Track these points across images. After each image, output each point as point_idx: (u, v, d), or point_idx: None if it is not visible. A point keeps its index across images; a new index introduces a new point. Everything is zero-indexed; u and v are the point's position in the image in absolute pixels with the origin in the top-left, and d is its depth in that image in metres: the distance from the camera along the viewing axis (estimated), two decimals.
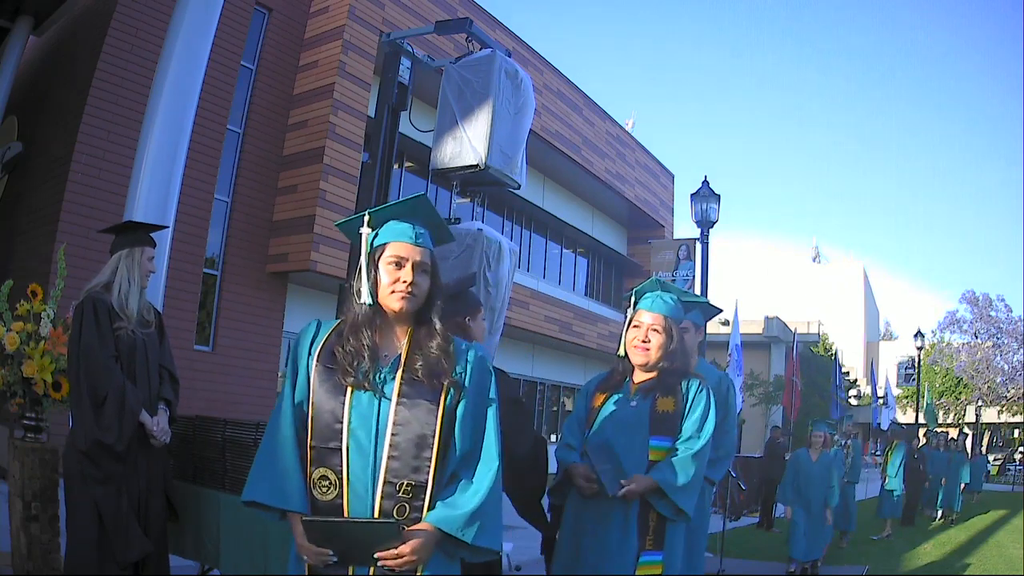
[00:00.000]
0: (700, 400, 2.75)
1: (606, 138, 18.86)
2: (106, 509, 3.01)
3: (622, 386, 2.83)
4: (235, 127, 11.27)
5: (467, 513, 1.80)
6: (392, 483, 1.81)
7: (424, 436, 1.83)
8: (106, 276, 3.22)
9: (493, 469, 1.87)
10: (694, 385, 2.78)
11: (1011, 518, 12.70)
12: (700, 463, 2.69)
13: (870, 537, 9.78)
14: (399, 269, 1.89)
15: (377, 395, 1.84)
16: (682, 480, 2.64)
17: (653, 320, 2.80)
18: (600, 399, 2.82)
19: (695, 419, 2.72)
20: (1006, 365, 28.26)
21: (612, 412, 2.77)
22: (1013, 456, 33.30)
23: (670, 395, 2.73)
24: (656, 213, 21.54)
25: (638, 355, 2.78)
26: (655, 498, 2.62)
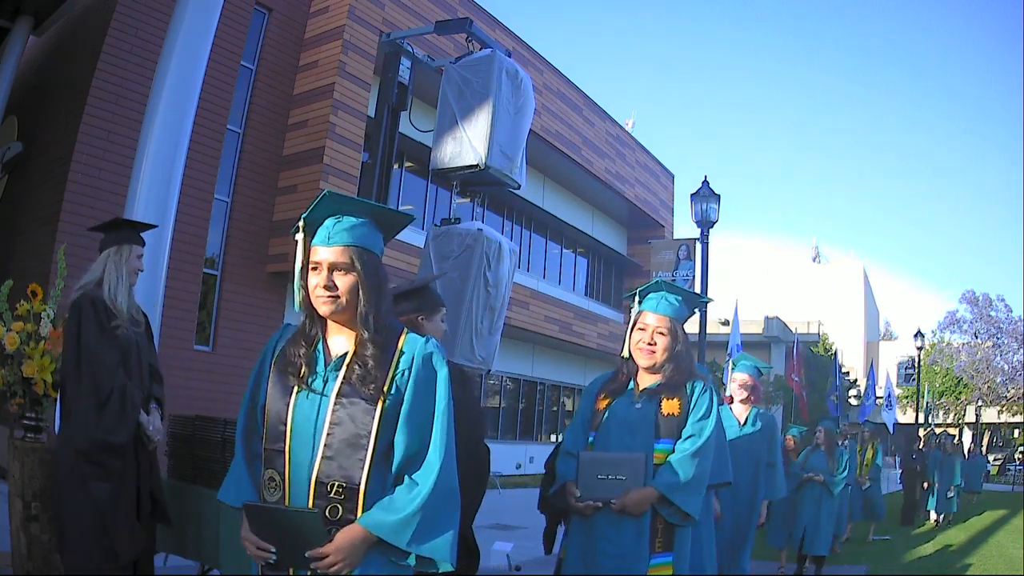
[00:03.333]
0: (703, 401, 2.71)
1: (606, 138, 18.85)
2: (106, 507, 3.01)
3: (626, 388, 2.80)
4: (235, 127, 11.26)
5: (402, 518, 1.73)
6: (324, 483, 1.77)
7: (358, 436, 1.78)
8: (96, 274, 3.22)
9: (435, 471, 1.78)
10: (698, 386, 2.75)
11: (1011, 518, 12.70)
12: (701, 462, 2.64)
13: (870, 537, 9.79)
14: (317, 274, 1.85)
15: (318, 396, 1.82)
16: (682, 482, 2.59)
17: (658, 322, 2.77)
18: (604, 402, 2.78)
19: (696, 419, 2.68)
20: (1006, 365, 28.26)
21: (617, 416, 2.73)
22: (1013, 456, 33.31)
23: (676, 397, 2.70)
24: (656, 213, 21.53)
25: (644, 358, 2.75)
26: (659, 504, 2.59)
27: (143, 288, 3.93)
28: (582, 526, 2.68)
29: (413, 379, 1.84)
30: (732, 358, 5.12)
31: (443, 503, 1.79)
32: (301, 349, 1.89)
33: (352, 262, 1.86)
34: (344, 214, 1.91)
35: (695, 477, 2.62)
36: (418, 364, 1.85)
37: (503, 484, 14.31)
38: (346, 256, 1.86)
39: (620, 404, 2.75)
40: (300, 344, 1.90)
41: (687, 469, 2.61)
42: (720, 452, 3.48)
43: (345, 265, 1.85)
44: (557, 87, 16.77)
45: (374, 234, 1.94)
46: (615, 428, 2.70)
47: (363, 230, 1.91)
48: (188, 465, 3.87)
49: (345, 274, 1.85)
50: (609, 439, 2.70)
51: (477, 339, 4.70)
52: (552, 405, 20.37)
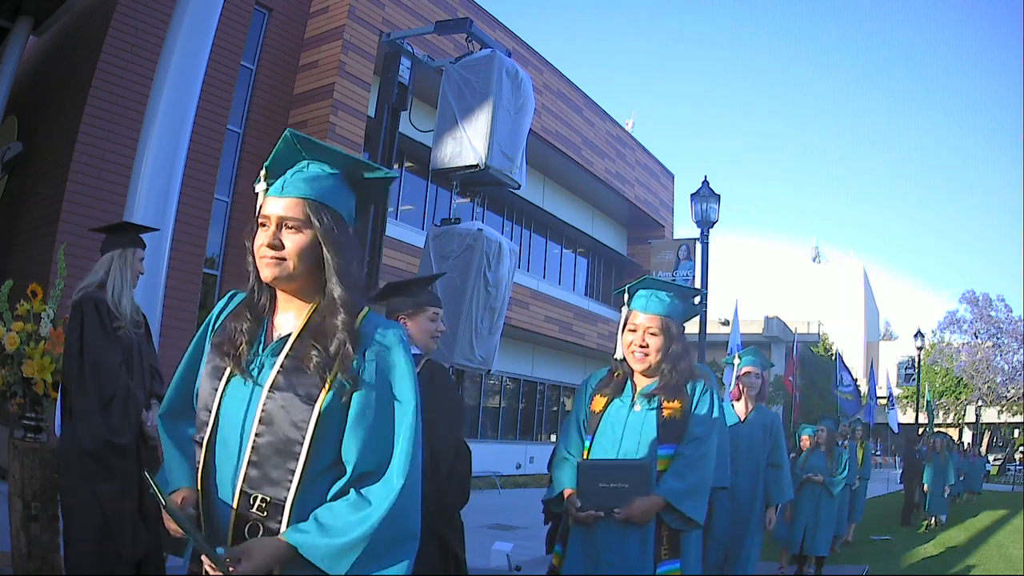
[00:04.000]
0: (704, 402, 2.60)
1: (606, 138, 18.85)
2: (111, 507, 3.01)
3: (623, 390, 2.65)
4: (235, 127, 11.26)
5: (341, 543, 1.37)
6: (248, 495, 1.44)
7: (290, 441, 1.43)
8: (99, 276, 3.23)
9: (394, 491, 1.41)
10: (699, 387, 2.63)
11: (1011, 518, 12.69)
12: (705, 466, 2.54)
13: (870, 537, 9.78)
14: (265, 230, 1.51)
15: (251, 385, 1.49)
16: (688, 488, 2.48)
17: (649, 322, 2.61)
18: (600, 403, 2.64)
19: (698, 421, 2.57)
20: (1006, 365, 28.28)
21: (615, 419, 2.59)
22: (1013, 456, 33.31)
23: (676, 399, 2.57)
24: (656, 213, 21.53)
25: (637, 361, 2.61)
26: (663, 512, 2.49)
27: (143, 288, 3.93)
28: (583, 536, 2.56)
29: (369, 373, 1.48)
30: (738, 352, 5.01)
31: (399, 532, 1.43)
32: (244, 324, 1.55)
33: (308, 218, 1.51)
34: (312, 160, 1.59)
35: (700, 482, 2.52)
36: (380, 353, 1.50)
37: (503, 484, 14.30)
38: (300, 210, 1.51)
39: (617, 407, 2.61)
40: (244, 318, 1.55)
41: (692, 474, 2.50)
42: (720, 454, 3.46)
43: (297, 221, 1.51)
44: (557, 87, 16.76)
45: (342, 191, 1.58)
46: (614, 433, 2.57)
47: (327, 183, 1.56)
48: None
49: (296, 232, 1.50)
50: (607, 444, 2.57)
51: (477, 339, 4.70)
52: (552, 405, 20.36)
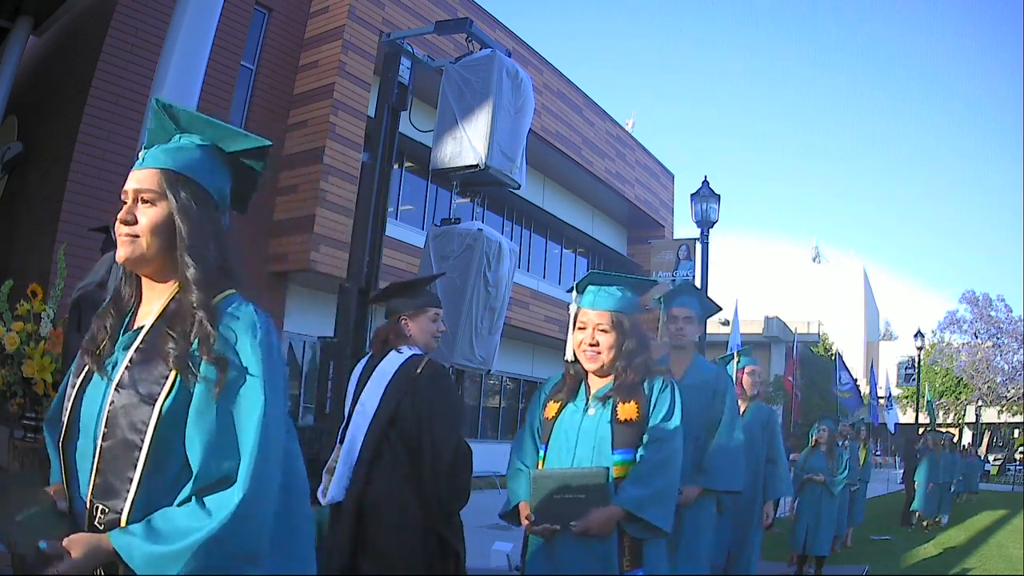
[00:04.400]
0: (664, 399, 2.40)
1: (606, 138, 18.85)
2: None
3: (576, 393, 2.48)
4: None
5: (165, 552, 1.19)
6: (94, 505, 1.29)
7: (130, 445, 1.27)
8: (100, 275, 3.22)
9: (231, 504, 1.22)
10: (658, 383, 2.43)
11: (1011, 518, 12.68)
12: (668, 469, 2.34)
13: (870, 537, 9.78)
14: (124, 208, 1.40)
15: (106, 381, 1.34)
16: (650, 495, 2.28)
17: (599, 319, 2.43)
18: (553, 409, 2.46)
19: (658, 421, 2.37)
20: (1006, 365, 28.27)
21: (567, 426, 2.41)
22: (1013, 456, 33.30)
23: (632, 399, 2.37)
24: (656, 213, 21.53)
25: (588, 361, 2.43)
26: (625, 522, 2.28)
27: None
28: (542, 551, 2.37)
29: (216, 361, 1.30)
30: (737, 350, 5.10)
31: (232, 552, 1.23)
32: (108, 318, 1.42)
33: (163, 190, 1.38)
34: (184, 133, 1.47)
35: (664, 487, 2.31)
36: (226, 339, 1.33)
37: (503, 484, 14.30)
38: (155, 181, 1.39)
39: (571, 412, 2.43)
40: (108, 311, 1.44)
41: (653, 480, 2.30)
42: (730, 455, 3.39)
43: (152, 193, 1.38)
44: (557, 87, 16.76)
45: (208, 164, 1.46)
46: (567, 440, 2.39)
47: (191, 154, 1.43)
48: None
49: (151, 206, 1.38)
50: (561, 452, 2.39)
51: (477, 339, 4.70)
52: None
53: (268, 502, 1.28)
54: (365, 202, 4.83)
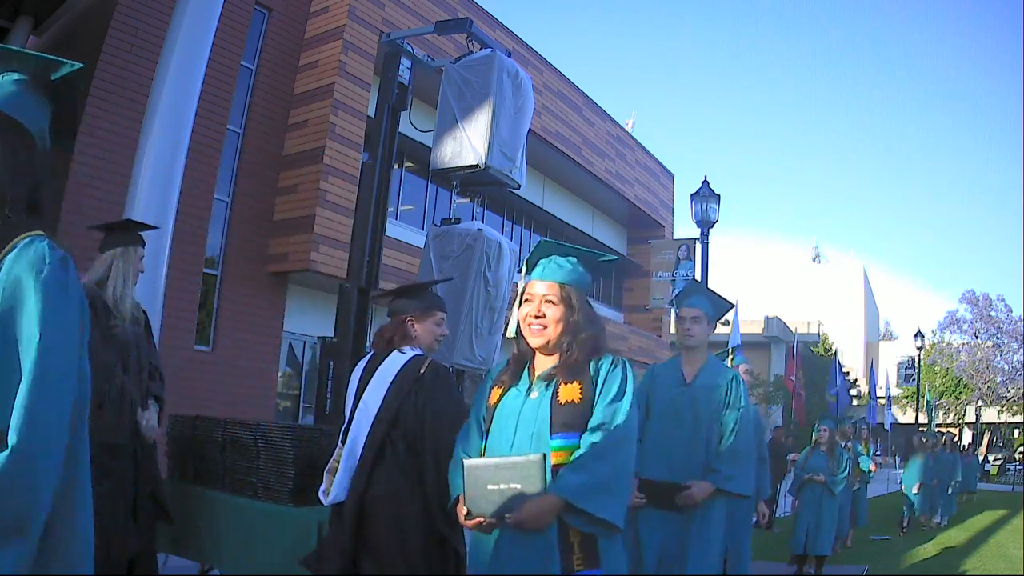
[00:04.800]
0: (614, 380, 2.18)
1: (606, 138, 18.85)
2: (103, 507, 3.00)
3: (520, 376, 2.27)
4: (235, 127, 11.27)
5: None
6: None
7: None
8: (99, 274, 3.23)
9: None
10: (606, 363, 2.21)
11: (1011, 518, 12.68)
12: (616, 456, 2.10)
13: (870, 537, 9.78)
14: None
15: None
16: (591, 483, 2.04)
17: (547, 290, 2.25)
18: (496, 394, 2.26)
19: (606, 403, 2.15)
20: (1006, 365, 28.28)
21: (507, 410, 2.21)
22: (1013, 456, 33.30)
23: (575, 380, 2.16)
24: (656, 213, 21.53)
25: (533, 335, 2.22)
26: (564, 513, 2.03)
27: (143, 288, 3.93)
28: (481, 547, 2.18)
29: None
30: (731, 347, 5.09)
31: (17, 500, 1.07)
32: None
33: None
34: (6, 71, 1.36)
35: (609, 475, 2.07)
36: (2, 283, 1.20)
37: None
38: None
39: (513, 396, 2.22)
40: None
41: (596, 466, 2.06)
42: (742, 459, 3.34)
43: None
44: (557, 87, 16.76)
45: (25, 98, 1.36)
46: (506, 426, 2.18)
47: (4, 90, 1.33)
48: (188, 465, 3.87)
49: None
50: (502, 440, 2.17)
51: (477, 339, 4.70)
52: None
53: (43, 464, 1.10)
54: (365, 202, 4.82)
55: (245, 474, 3.53)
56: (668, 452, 3.41)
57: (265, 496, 3.42)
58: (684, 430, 3.42)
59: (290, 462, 3.37)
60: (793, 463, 9.22)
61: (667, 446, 3.42)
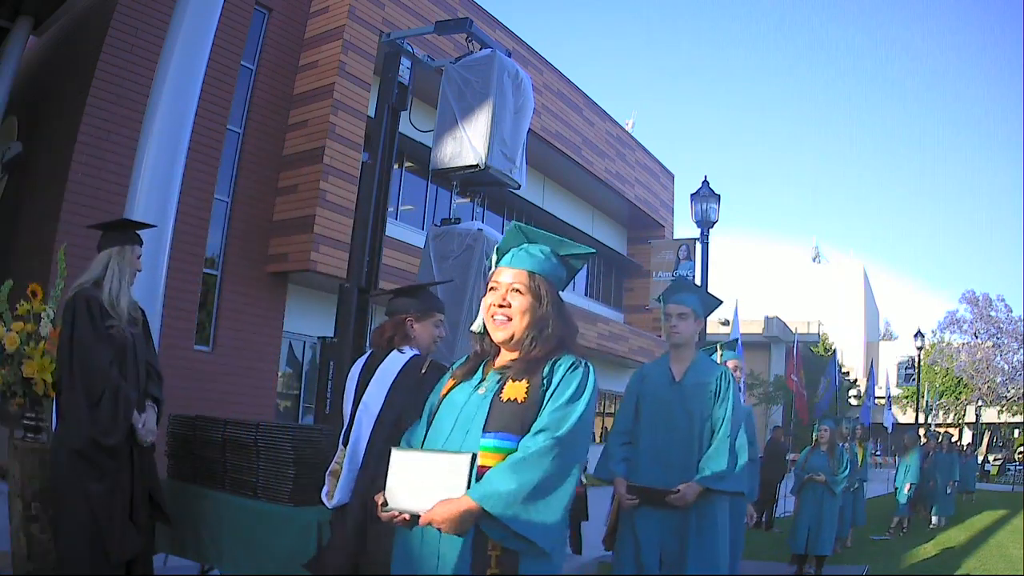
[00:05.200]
0: (569, 382, 1.95)
1: (606, 138, 18.85)
2: (100, 507, 3.01)
3: (477, 370, 2.08)
4: (235, 127, 11.27)
5: None
6: None
7: None
8: (96, 273, 3.22)
9: None
10: (564, 364, 1.98)
11: (1011, 518, 12.68)
12: (553, 466, 1.85)
13: (870, 537, 9.78)
14: None
15: None
16: (513, 491, 1.80)
17: (514, 278, 2.03)
18: (448, 386, 2.09)
19: (556, 406, 1.91)
20: (1006, 365, 28.28)
21: (453, 405, 2.02)
22: (1013, 456, 33.31)
23: (525, 378, 1.95)
24: (656, 213, 21.54)
25: (497, 327, 2.01)
26: (483, 522, 1.82)
27: (143, 288, 3.93)
28: (403, 544, 1.99)
29: None
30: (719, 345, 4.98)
31: None
32: None
33: None
34: None
35: (541, 487, 1.82)
36: None
37: None
38: None
39: (460, 390, 2.04)
40: None
41: (525, 473, 1.82)
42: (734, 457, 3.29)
43: None
44: (557, 87, 16.77)
45: None
46: (446, 420, 2.01)
47: None
48: (188, 465, 3.87)
49: None
50: (439, 435, 2.00)
51: None
52: None
53: None
54: (365, 202, 4.83)
55: (245, 474, 3.53)
56: (663, 454, 3.35)
57: (265, 496, 3.42)
58: (677, 430, 3.36)
59: (290, 462, 3.37)
60: (793, 463, 9.21)
61: (661, 448, 3.36)
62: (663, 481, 3.28)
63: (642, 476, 3.35)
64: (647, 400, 3.49)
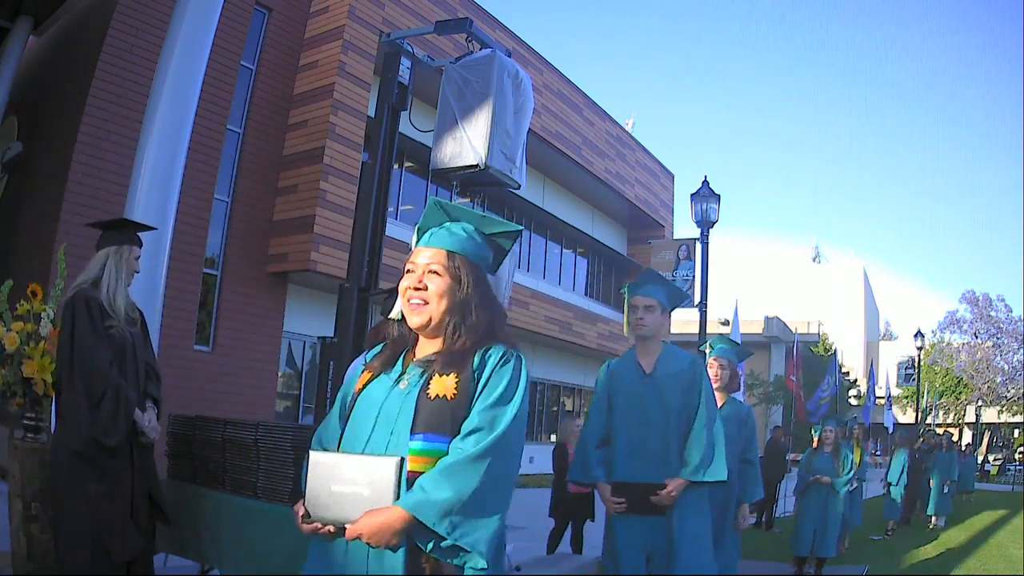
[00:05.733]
0: (501, 376, 1.78)
1: (606, 138, 18.86)
2: (100, 507, 3.01)
3: (395, 362, 1.89)
4: (235, 127, 11.27)
5: None
6: None
7: None
8: (94, 273, 3.22)
9: None
10: (495, 355, 1.81)
11: (1011, 518, 12.68)
12: (489, 470, 1.69)
13: (870, 537, 9.78)
14: None
15: None
16: (449, 500, 1.65)
17: (432, 258, 1.85)
18: (364, 379, 1.89)
19: (487, 404, 1.75)
20: (1006, 365, 28.28)
21: (372, 402, 1.83)
22: (1013, 456, 33.33)
23: (453, 371, 1.78)
24: (656, 213, 21.54)
25: (413, 312, 1.83)
26: (416, 533, 1.66)
27: (143, 288, 3.93)
28: (322, 557, 1.80)
29: None
30: (709, 341, 4.78)
31: None
32: None
33: None
34: None
35: (476, 493, 1.67)
36: None
37: None
38: None
39: (378, 384, 1.85)
40: None
41: (461, 481, 1.67)
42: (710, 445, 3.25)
43: None
44: (557, 87, 16.77)
45: None
46: (364, 418, 1.81)
47: None
48: (188, 465, 3.87)
49: None
50: (357, 434, 1.80)
51: None
52: (552, 405, 20.37)
53: None
54: (365, 202, 4.82)
55: (245, 474, 3.53)
56: (640, 448, 3.31)
57: (265, 496, 3.42)
58: (652, 423, 3.31)
59: (290, 462, 3.36)
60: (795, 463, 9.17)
61: (638, 442, 3.32)
62: (643, 475, 3.26)
63: (621, 472, 3.32)
64: (619, 396, 3.44)
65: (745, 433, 4.38)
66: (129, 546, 3.06)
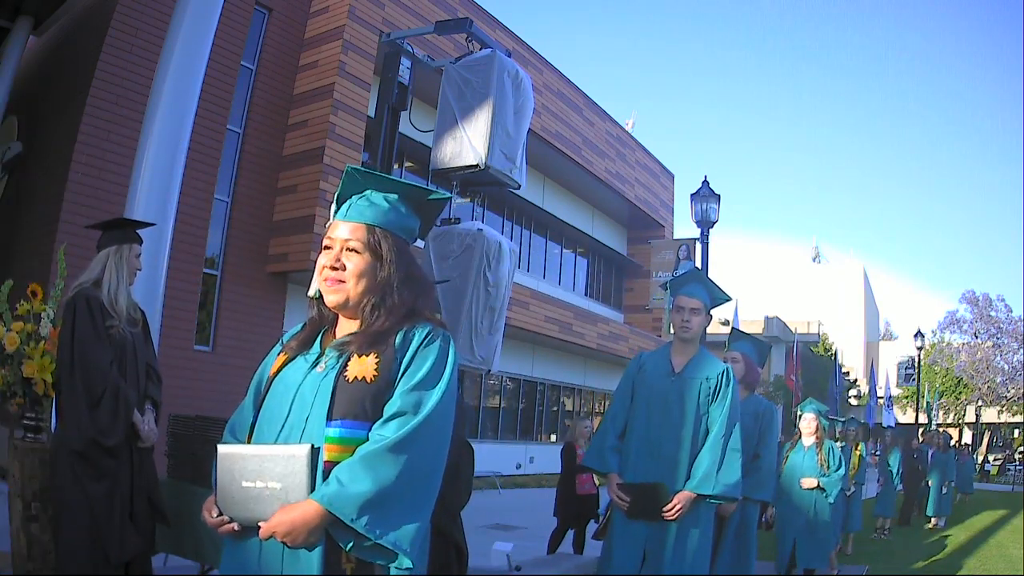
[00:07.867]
0: (426, 356, 1.65)
1: (606, 138, 18.86)
2: (100, 507, 3.01)
3: (313, 342, 1.76)
4: (235, 127, 11.27)
5: None
6: None
7: None
8: (95, 273, 3.22)
9: None
10: (419, 334, 1.67)
11: (1011, 518, 12.68)
12: (414, 462, 1.56)
13: (870, 537, 9.78)
14: None
15: None
16: (368, 492, 1.51)
17: (351, 233, 1.72)
18: (280, 361, 1.75)
19: (410, 386, 1.62)
20: (1006, 365, 28.26)
21: (287, 386, 1.68)
22: (1013, 456, 33.32)
23: (372, 351, 1.64)
24: (656, 213, 21.54)
25: (330, 289, 1.71)
26: (334, 529, 1.53)
27: (143, 288, 3.93)
28: (239, 557, 1.67)
29: None
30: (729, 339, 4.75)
31: None
32: None
33: None
34: None
35: (400, 484, 1.53)
36: None
37: (503, 484, 14.31)
38: None
39: (294, 367, 1.71)
40: None
41: (381, 470, 1.53)
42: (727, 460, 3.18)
43: None
44: (557, 87, 16.77)
45: None
46: (279, 404, 1.67)
47: None
48: (188, 465, 3.87)
49: None
50: (271, 421, 1.66)
51: (477, 339, 4.70)
52: (552, 405, 20.36)
53: None
54: None
55: None
56: (655, 447, 3.27)
57: None
58: (672, 424, 3.27)
59: None
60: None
61: (654, 440, 3.28)
62: (653, 474, 3.22)
63: (632, 468, 3.30)
64: (643, 389, 3.40)
65: (759, 427, 4.29)
66: (127, 546, 3.06)
